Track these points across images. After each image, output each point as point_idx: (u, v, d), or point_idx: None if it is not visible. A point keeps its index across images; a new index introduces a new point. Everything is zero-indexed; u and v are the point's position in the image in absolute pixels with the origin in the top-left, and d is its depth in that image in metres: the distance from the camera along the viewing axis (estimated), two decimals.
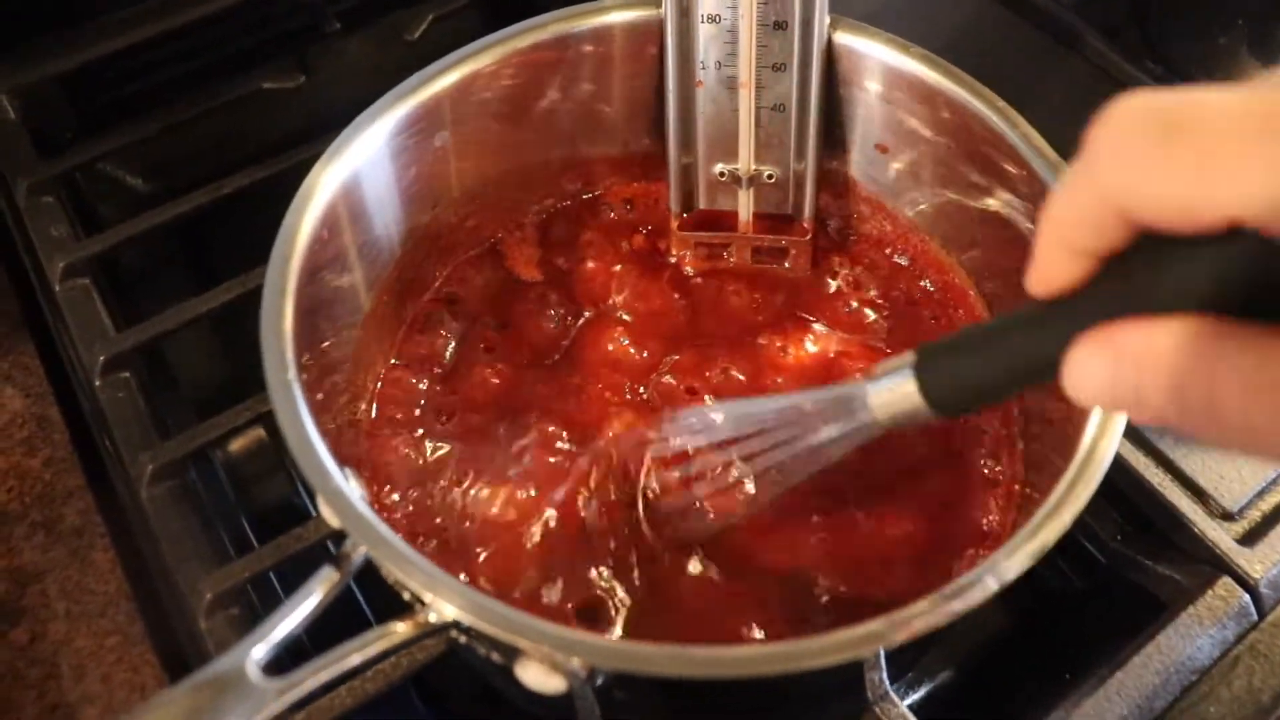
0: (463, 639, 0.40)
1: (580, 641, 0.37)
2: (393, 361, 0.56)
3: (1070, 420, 0.45)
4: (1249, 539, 0.55)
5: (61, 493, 0.59)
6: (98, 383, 0.60)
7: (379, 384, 0.55)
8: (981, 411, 0.36)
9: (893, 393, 0.38)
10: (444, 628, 0.38)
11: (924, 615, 0.37)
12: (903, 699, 0.55)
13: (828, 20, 0.54)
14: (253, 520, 0.63)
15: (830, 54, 0.55)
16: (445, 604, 0.37)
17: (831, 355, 0.57)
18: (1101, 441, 0.42)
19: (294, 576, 0.53)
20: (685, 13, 0.54)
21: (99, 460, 0.60)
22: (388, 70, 0.77)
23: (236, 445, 0.67)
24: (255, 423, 0.58)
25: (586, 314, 0.59)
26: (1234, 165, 0.24)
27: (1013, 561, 0.38)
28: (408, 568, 0.38)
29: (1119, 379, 0.28)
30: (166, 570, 0.54)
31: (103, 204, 0.73)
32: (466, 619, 0.37)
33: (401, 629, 0.38)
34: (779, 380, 0.56)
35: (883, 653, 0.42)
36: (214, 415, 0.58)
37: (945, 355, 0.36)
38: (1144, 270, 0.28)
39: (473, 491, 0.52)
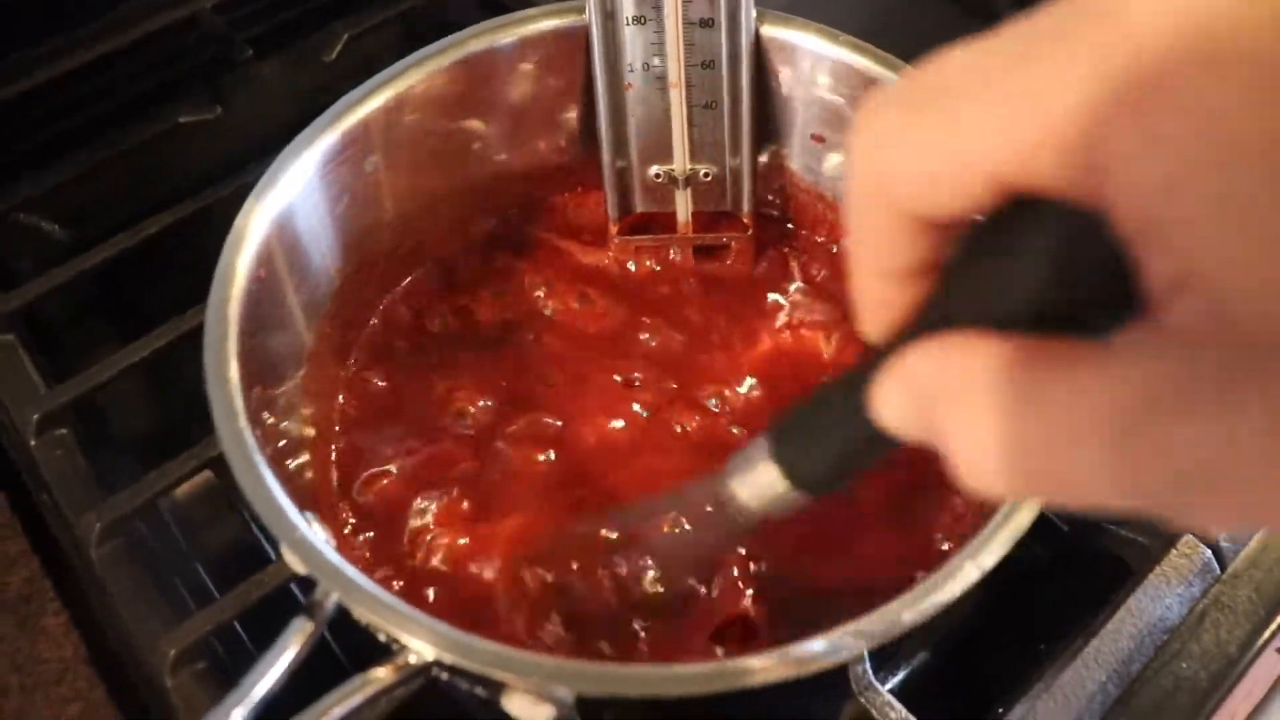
0: (445, 675, 0.39)
1: (568, 670, 0.36)
2: (343, 395, 0.55)
3: None
4: None
5: (3, 560, 0.57)
6: (33, 442, 0.57)
7: (333, 417, 0.54)
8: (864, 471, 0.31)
9: (757, 484, 0.34)
10: (425, 668, 0.38)
11: (910, 609, 0.37)
12: (882, 684, 0.55)
13: (754, 14, 0.53)
14: (208, 566, 0.61)
15: (759, 47, 0.54)
16: (425, 645, 0.36)
17: (786, 344, 0.57)
18: None
19: (259, 622, 0.52)
20: (610, 16, 0.53)
21: (41, 522, 0.57)
22: (306, 94, 0.76)
23: (183, 490, 0.65)
24: (203, 468, 0.56)
25: (535, 327, 0.58)
26: (973, 115, 0.21)
27: (992, 547, 0.38)
28: (383, 612, 0.37)
29: (911, 414, 0.25)
30: (124, 630, 0.52)
31: (21, 256, 0.70)
32: (448, 658, 0.36)
33: (382, 674, 0.37)
34: (747, 376, 0.56)
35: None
36: (156, 462, 0.56)
37: (798, 431, 0.32)
38: (943, 285, 0.25)
39: (435, 511, 0.51)
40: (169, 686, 0.50)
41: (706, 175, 0.58)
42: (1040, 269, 0.22)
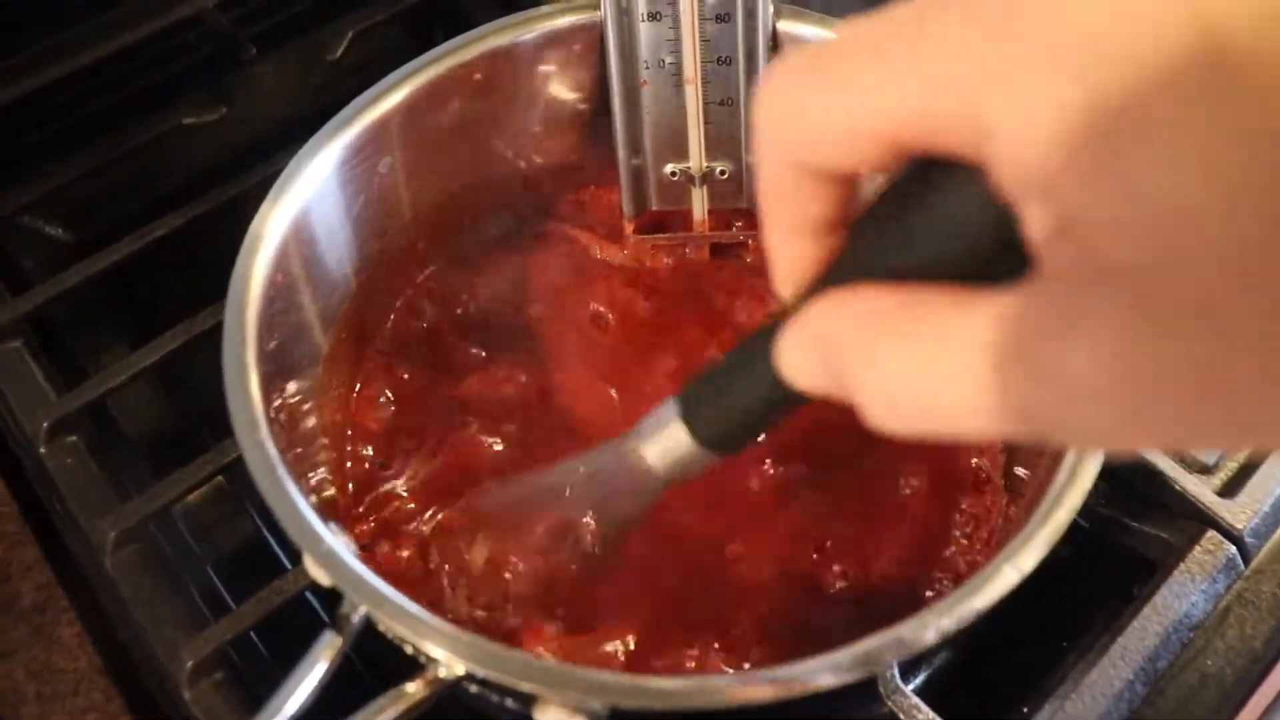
0: (475, 688, 0.38)
1: (603, 683, 0.36)
2: (359, 400, 0.54)
3: None
4: (1228, 490, 0.55)
5: (18, 569, 0.56)
6: (43, 449, 0.57)
7: (349, 423, 0.53)
8: (766, 433, 0.34)
9: (665, 445, 0.35)
10: (456, 681, 0.37)
11: (949, 614, 0.37)
12: (905, 685, 0.54)
13: (771, 9, 0.53)
14: (220, 570, 0.61)
15: (775, 43, 0.54)
16: (458, 659, 0.36)
17: None
18: None
19: (275, 630, 0.52)
20: (625, 12, 0.53)
21: (54, 530, 0.57)
22: (311, 93, 0.76)
23: (193, 494, 0.64)
24: (217, 474, 0.55)
25: (553, 327, 0.57)
26: (868, 78, 0.23)
27: (1030, 550, 0.38)
28: (414, 625, 0.36)
29: (815, 364, 0.27)
30: (142, 640, 0.52)
31: (25, 259, 0.70)
32: (483, 672, 0.36)
33: (413, 689, 0.36)
34: None
35: None
36: (166, 467, 0.55)
37: (706, 392, 0.34)
38: (847, 244, 0.27)
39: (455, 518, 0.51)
40: (187, 698, 0.50)
41: (723, 172, 0.57)
42: (934, 225, 0.24)
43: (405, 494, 0.52)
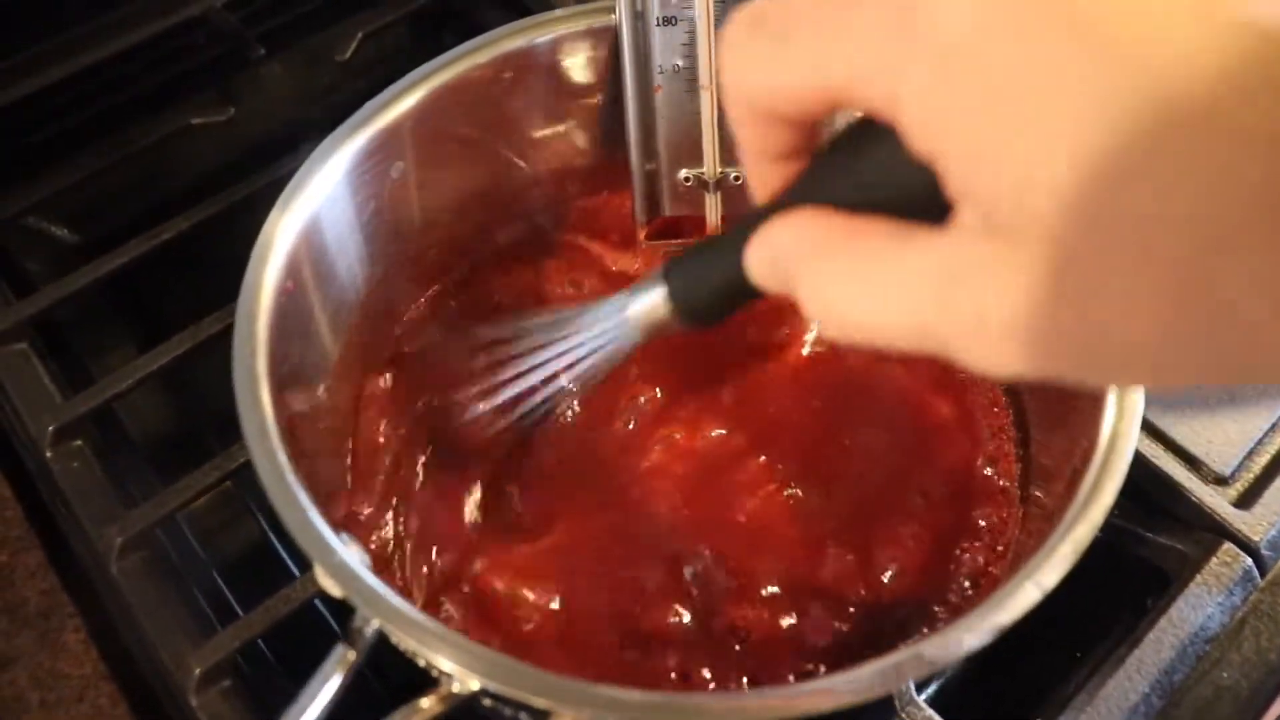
0: (488, 702, 0.38)
1: (621, 699, 0.35)
2: (368, 408, 0.54)
3: (1076, 409, 0.45)
4: (1244, 501, 0.55)
5: (22, 574, 0.55)
6: (49, 454, 0.56)
7: (359, 432, 0.53)
8: (731, 316, 0.37)
9: (646, 304, 0.39)
10: (472, 696, 0.37)
11: (973, 631, 0.36)
12: (918, 694, 0.54)
13: None
14: (226, 574, 0.60)
15: None
16: (472, 673, 0.35)
17: (817, 351, 0.57)
18: (1121, 427, 0.41)
19: (283, 636, 0.51)
20: (640, 16, 0.52)
21: (59, 535, 0.56)
22: (319, 94, 0.75)
23: (199, 499, 0.64)
24: (225, 479, 0.55)
25: None
26: (805, 39, 0.27)
27: (1052, 566, 0.38)
28: (429, 640, 0.36)
29: (770, 268, 0.31)
30: (148, 647, 0.51)
31: (30, 260, 0.69)
32: (497, 687, 0.35)
33: (427, 704, 0.36)
34: (776, 380, 0.55)
35: None
36: (172, 471, 0.55)
37: (689, 264, 0.38)
38: (808, 170, 0.31)
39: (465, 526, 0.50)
40: (194, 704, 0.49)
41: (737, 178, 0.57)
42: (872, 169, 0.28)
43: (415, 501, 0.51)
